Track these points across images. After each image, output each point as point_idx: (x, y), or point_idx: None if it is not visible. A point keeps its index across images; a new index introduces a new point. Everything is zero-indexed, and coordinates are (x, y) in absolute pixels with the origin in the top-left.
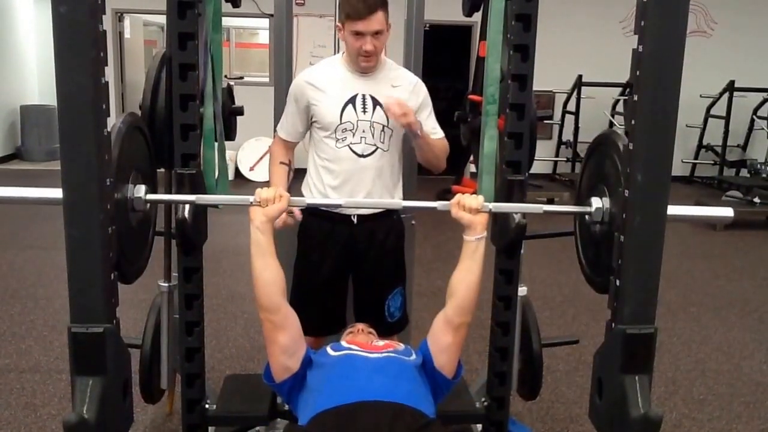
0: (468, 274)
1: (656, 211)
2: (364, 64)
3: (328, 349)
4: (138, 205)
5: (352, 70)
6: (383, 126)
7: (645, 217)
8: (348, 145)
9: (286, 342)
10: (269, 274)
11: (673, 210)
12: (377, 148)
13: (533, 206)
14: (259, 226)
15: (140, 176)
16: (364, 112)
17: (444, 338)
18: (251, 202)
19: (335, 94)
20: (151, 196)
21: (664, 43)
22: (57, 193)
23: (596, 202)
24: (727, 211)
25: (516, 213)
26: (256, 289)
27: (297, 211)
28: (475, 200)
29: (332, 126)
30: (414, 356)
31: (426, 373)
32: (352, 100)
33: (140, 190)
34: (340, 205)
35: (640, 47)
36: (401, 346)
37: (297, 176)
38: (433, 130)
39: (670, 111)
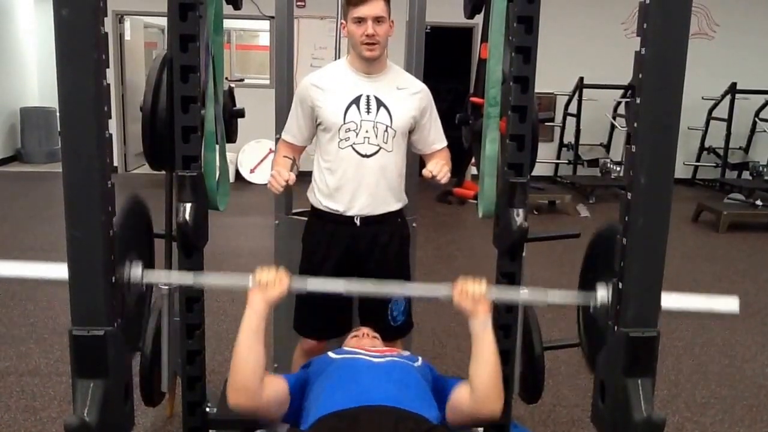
0: (485, 366)
1: (659, 213)
2: (368, 52)
3: (331, 353)
4: (134, 286)
5: (356, 71)
6: (387, 126)
7: (648, 220)
8: (351, 146)
9: (268, 409)
10: (253, 361)
11: (667, 302)
12: (380, 148)
13: (537, 296)
14: (256, 310)
15: (137, 255)
16: (368, 112)
17: (463, 414)
18: (250, 286)
19: (339, 94)
20: (147, 280)
21: (666, 46)
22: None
23: (601, 296)
24: (732, 304)
25: (518, 215)
26: (234, 373)
27: (293, 176)
28: (478, 289)
29: (336, 126)
30: (419, 362)
31: (430, 381)
32: (356, 101)
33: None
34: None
35: (643, 49)
36: (405, 352)
37: (303, 180)
38: (433, 139)
39: (673, 113)
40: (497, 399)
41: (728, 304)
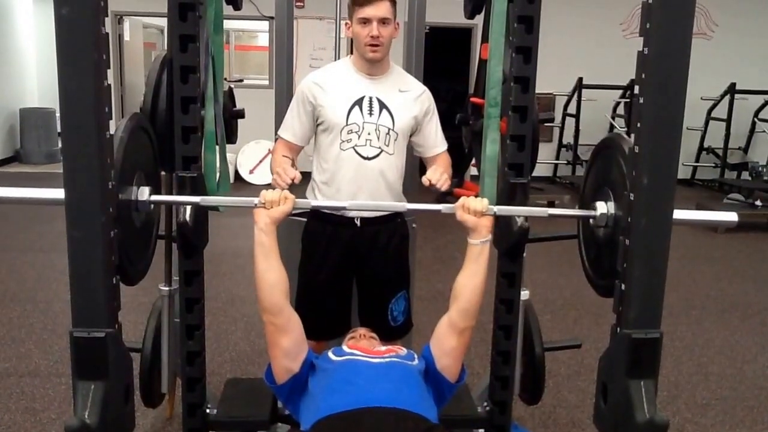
0: (473, 278)
1: (662, 213)
2: (371, 54)
3: (330, 354)
4: (142, 206)
5: (359, 72)
6: (389, 129)
7: (650, 220)
8: (353, 147)
9: (288, 345)
10: (272, 276)
11: (677, 214)
12: (382, 150)
13: (538, 210)
14: (263, 228)
15: (144, 177)
16: (371, 114)
17: (448, 342)
18: (255, 204)
19: (342, 95)
20: (155, 197)
21: (669, 45)
22: (59, 193)
23: (601, 207)
24: (731, 216)
25: (519, 216)
26: (259, 292)
27: (299, 174)
28: (480, 203)
29: (338, 127)
30: (416, 361)
31: (429, 378)
32: (359, 102)
33: (144, 192)
34: (344, 208)
35: (646, 49)
36: (403, 351)
37: (302, 181)
38: (434, 142)
39: (676, 113)
40: (476, 312)
41: (728, 216)
